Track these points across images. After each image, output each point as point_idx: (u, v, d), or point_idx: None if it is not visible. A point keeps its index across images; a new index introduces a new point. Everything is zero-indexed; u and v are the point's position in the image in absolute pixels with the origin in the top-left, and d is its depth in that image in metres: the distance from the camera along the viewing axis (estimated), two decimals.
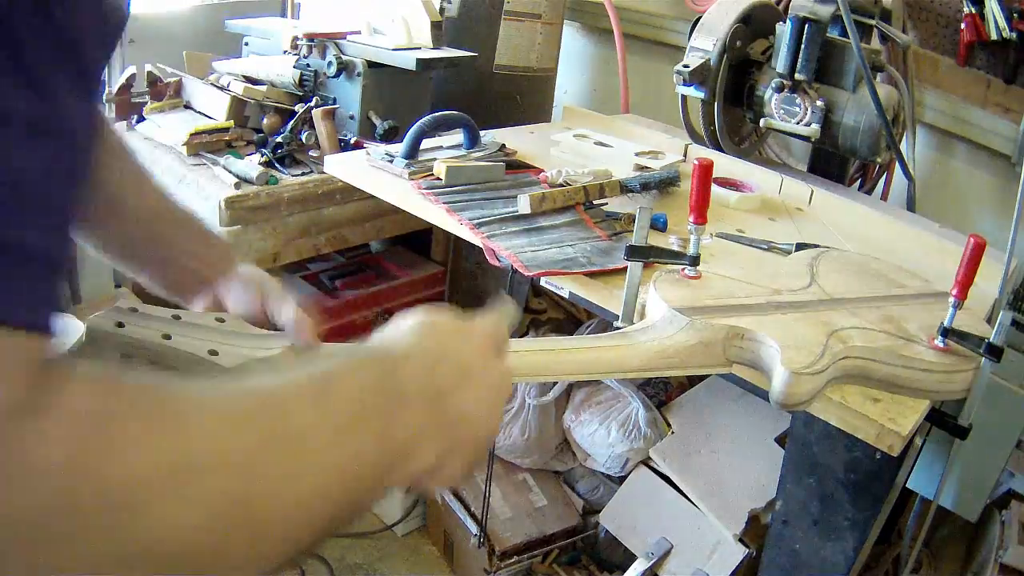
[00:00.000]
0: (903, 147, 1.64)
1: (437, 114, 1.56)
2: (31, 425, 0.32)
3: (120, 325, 0.56)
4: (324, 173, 1.69)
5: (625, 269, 1.06)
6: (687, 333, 0.89)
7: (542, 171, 1.50)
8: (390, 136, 1.80)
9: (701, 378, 1.88)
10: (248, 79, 1.97)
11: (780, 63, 1.53)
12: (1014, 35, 1.59)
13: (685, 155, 1.75)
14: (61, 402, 0.33)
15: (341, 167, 1.60)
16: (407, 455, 0.48)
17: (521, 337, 2.01)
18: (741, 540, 1.58)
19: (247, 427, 0.39)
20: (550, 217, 1.32)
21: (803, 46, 1.50)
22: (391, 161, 1.50)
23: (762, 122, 1.61)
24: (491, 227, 1.28)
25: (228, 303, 0.71)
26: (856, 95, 1.52)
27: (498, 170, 1.49)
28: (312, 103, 1.85)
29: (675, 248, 1.24)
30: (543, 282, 1.21)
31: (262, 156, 1.79)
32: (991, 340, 0.95)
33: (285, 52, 2.00)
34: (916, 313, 1.04)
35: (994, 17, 1.60)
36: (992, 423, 1.02)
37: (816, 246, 1.27)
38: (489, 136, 1.67)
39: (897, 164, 1.63)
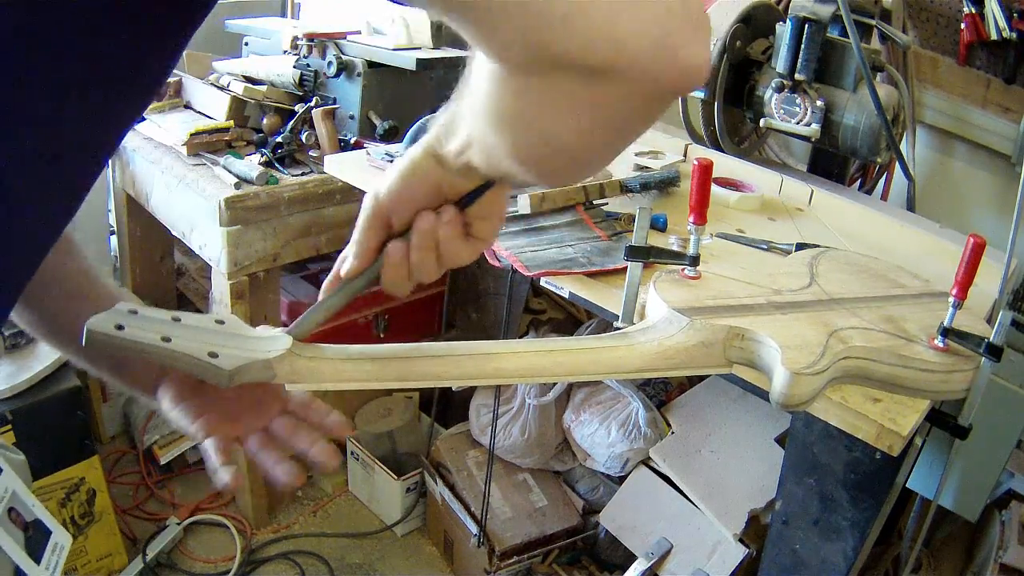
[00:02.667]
0: (903, 147, 1.64)
1: (437, 114, 1.55)
2: None
3: (120, 327, 0.56)
4: (324, 173, 1.69)
5: (625, 269, 1.05)
6: (687, 334, 0.89)
7: None
8: (390, 136, 1.80)
9: (701, 378, 1.88)
10: (248, 79, 1.97)
11: (780, 63, 1.53)
12: (1014, 35, 1.59)
13: (685, 155, 1.74)
14: None
15: (341, 167, 1.59)
16: None
17: (521, 337, 2.01)
18: (741, 540, 1.58)
19: None
20: (550, 217, 1.32)
21: (803, 46, 1.50)
22: (391, 161, 1.49)
23: (762, 122, 1.61)
24: None
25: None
26: (856, 95, 1.52)
27: None
28: (312, 103, 1.85)
29: (675, 248, 1.23)
30: (543, 282, 1.21)
31: (262, 156, 1.79)
32: (991, 340, 0.95)
33: (285, 52, 2.00)
34: (916, 313, 1.04)
35: (994, 17, 1.60)
36: (992, 423, 1.02)
37: (816, 246, 1.27)
38: None
39: (897, 164, 1.63)
